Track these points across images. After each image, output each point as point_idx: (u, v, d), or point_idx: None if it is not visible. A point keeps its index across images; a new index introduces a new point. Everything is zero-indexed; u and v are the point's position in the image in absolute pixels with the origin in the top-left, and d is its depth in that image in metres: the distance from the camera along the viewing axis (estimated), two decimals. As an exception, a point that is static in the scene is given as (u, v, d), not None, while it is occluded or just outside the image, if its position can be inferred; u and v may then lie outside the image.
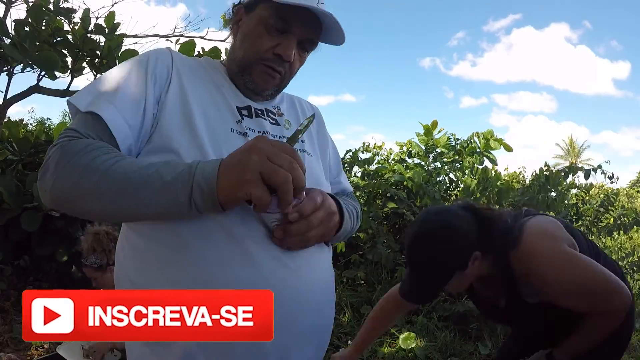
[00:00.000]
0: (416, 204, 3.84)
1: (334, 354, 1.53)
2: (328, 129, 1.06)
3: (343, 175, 1.07)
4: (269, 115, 0.88)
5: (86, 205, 0.69)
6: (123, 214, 0.71)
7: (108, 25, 3.32)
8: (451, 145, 4.34)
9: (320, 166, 0.92)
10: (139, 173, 0.67)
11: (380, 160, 4.72)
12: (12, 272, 3.15)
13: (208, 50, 3.35)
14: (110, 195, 0.67)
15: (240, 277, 0.71)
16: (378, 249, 3.64)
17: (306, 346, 0.79)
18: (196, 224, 0.71)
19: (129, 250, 0.78)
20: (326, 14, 0.80)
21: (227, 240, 0.72)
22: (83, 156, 0.67)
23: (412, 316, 3.34)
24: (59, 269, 3.07)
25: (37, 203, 2.67)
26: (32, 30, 2.96)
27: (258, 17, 0.83)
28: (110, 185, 0.66)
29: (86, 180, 0.67)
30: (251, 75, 0.85)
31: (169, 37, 4.14)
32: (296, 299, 0.75)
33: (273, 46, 0.82)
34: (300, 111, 0.98)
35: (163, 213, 0.68)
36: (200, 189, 0.65)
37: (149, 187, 0.66)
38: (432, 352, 2.86)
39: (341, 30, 0.84)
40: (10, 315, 2.79)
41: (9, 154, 3.09)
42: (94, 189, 0.66)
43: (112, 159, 0.68)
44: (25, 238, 2.77)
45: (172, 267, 0.72)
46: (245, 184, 0.63)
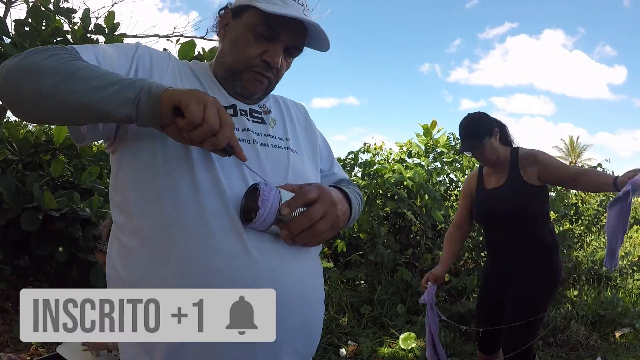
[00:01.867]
0: (416, 203, 3.84)
1: (430, 270, 2.08)
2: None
3: (337, 166, 1.08)
4: (252, 115, 0.90)
5: (34, 82, 0.67)
6: (64, 98, 0.67)
7: (108, 25, 3.32)
8: (451, 144, 4.34)
9: (305, 162, 0.93)
10: (98, 70, 0.69)
11: (380, 161, 4.72)
12: (12, 272, 3.15)
13: (208, 50, 3.35)
14: (63, 76, 0.67)
15: (225, 272, 0.72)
16: (378, 249, 3.63)
17: (296, 343, 0.80)
18: (184, 219, 0.73)
19: (118, 247, 0.79)
20: (312, 23, 0.83)
21: (214, 235, 0.73)
22: (55, 50, 0.71)
23: (412, 316, 3.34)
24: (59, 269, 3.07)
25: (37, 203, 2.67)
26: (32, 30, 2.96)
27: (246, 24, 0.85)
28: (67, 68, 0.67)
29: (47, 62, 0.68)
30: (241, 81, 0.87)
31: (169, 37, 4.14)
32: (285, 295, 0.75)
33: (260, 53, 0.84)
34: (284, 109, 0.99)
35: (103, 106, 0.67)
36: (149, 88, 0.67)
37: (101, 79, 0.67)
38: (432, 352, 2.86)
39: (326, 38, 0.87)
40: (10, 315, 2.79)
41: (9, 154, 3.09)
42: (52, 69, 0.67)
43: (78, 59, 0.71)
44: (25, 238, 2.77)
45: (159, 263, 0.73)
46: (190, 95, 0.65)
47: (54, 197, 2.69)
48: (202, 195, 0.74)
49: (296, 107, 1.04)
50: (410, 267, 3.76)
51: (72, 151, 3.42)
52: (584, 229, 4.18)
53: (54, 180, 3.28)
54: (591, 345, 3.14)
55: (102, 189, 3.31)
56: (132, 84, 0.67)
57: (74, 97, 0.66)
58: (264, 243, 0.75)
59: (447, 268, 2.09)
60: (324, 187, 0.79)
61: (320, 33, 0.85)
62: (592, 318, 3.49)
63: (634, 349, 3.13)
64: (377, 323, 3.28)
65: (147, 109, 0.66)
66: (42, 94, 0.67)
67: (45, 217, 2.68)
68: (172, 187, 0.74)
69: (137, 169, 0.78)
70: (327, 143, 1.09)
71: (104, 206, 2.93)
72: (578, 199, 4.27)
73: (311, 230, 0.75)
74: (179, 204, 0.74)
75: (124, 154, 0.80)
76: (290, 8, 0.82)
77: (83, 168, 3.40)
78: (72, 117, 0.71)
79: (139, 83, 0.68)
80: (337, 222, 0.80)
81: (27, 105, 0.70)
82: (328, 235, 0.80)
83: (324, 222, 0.76)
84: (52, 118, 0.74)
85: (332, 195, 0.79)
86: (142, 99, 0.66)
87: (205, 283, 0.71)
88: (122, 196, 0.80)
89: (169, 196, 0.74)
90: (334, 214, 0.78)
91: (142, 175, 0.77)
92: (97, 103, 0.66)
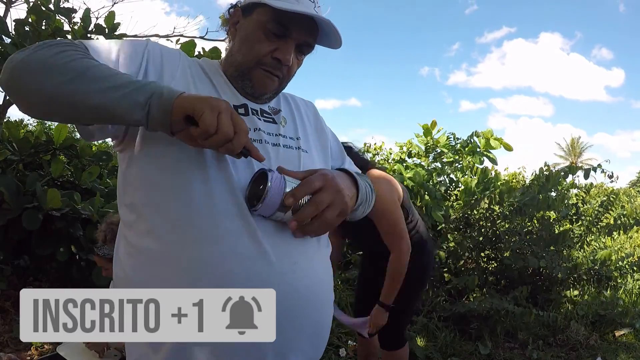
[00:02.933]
0: (416, 203, 3.84)
1: None
2: (333, 132, 1.08)
3: (348, 162, 1.07)
4: (263, 115, 0.89)
5: (42, 80, 0.66)
6: (72, 98, 0.66)
7: (108, 25, 3.32)
8: (451, 145, 4.34)
9: (315, 162, 0.92)
10: (108, 71, 0.68)
11: (380, 161, 4.71)
12: (12, 272, 3.15)
13: (208, 50, 3.34)
14: (72, 75, 0.65)
15: (237, 275, 0.71)
16: (378, 249, 3.63)
17: (305, 347, 0.79)
18: (196, 220, 0.72)
19: (126, 246, 0.78)
20: (324, 19, 0.81)
21: (227, 236, 0.72)
22: (64, 46, 0.69)
23: (412, 316, 3.34)
24: (59, 269, 3.07)
25: (38, 203, 2.67)
26: (32, 30, 2.96)
27: (256, 22, 0.83)
28: (77, 67, 0.66)
29: (56, 59, 0.66)
30: (251, 80, 0.86)
31: (169, 37, 4.14)
32: (296, 299, 0.75)
33: (271, 50, 0.83)
34: (294, 107, 0.98)
35: (112, 109, 0.66)
36: (161, 94, 0.66)
37: (112, 80, 0.66)
38: (432, 352, 2.86)
39: (338, 35, 0.85)
40: (10, 315, 2.79)
41: (9, 154, 3.09)
42: (61, 66, 0.66)
43: (88, 57, 0.69)
44: (25, 238, 2.77)
45: (169, 264, 0.72)
46: (204, 103, 0.64)
47: (59, 194, 2.67)
48: (216, 197, 0.73)
49: (306, 106, 1.03)
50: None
51: (72, 151, 3.42)
52: (585, 229, 4.17)
53: (54, 180, 3.28)
54: (591, 345, 3.14)
55: (103, 189, 3.31)
56: (143, 88, 0.66)
57: (82, 97, 0.65)
58: (277, 246, 0.74)
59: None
60: (328, 175, 0.78)
61: (332, 30, 0.83)
62: (592, 318, 3.49)
63: (634, 349, 3.13)
64: (377, 323, 3.27)
65: (158, 115, 0.65)
66: (49, 92, 0.66)
67: (46, 217, 2.68)
68: (184, 187, 0.73)
69: (148, 168, 0.77)
70: (338, 140, 1.08)
71: (104, 206, 2.92)
72: (579, 199, 4.26)
73: (319, 219, 0.74)
74: (192, 204, 0.73)
75: (133, 153, 0.79)
76: (301, 4, 0.80)
77: (83, 168, 3.40)
78: (80, 116, 0.70)
79: (150, 87, 0.67)
80: (346, 208, 0.78)
81: (33, 101, 0.69)
82: (337, 222, 0.78)
83: (332, 209, 0.75)
84: (58, 116, 0.73)
85: (337, 182, 0.78)
86: (153, 104, 0.65)
87: (216, 285, 0.70)
88: (131, 195, 0.79)
89: (181, 196, 0.73)
90: (342, 201, 0.77)
91: (154, 175, 0.76)
92: (107, 105, 0.65)
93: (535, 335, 3.18)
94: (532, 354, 2.91)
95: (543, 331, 3.27)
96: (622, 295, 4.03)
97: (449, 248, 3.81)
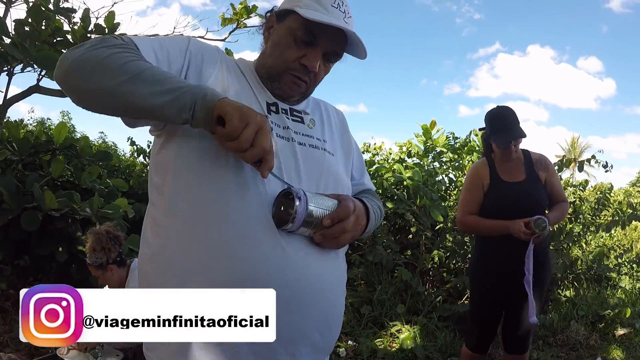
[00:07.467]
0: (416, 203, 3.84)
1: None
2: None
3: (366, 177, 1.12)
4: (292, 114, 0.94)
5: (98, 79, 0.72)
6: (126, 98, 0.72)
7: (108, 25, 3.33)
8: (450, 144, 4.34)
9: (339, 165, 0.97)
10: (160, 74, 0.74)
11: (380, 161, 4.72)
12: (12, 272, 3.15)
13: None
14: (128, 77, 0.71)
15: (252, 258, 0.75)
16: (378, 250, 3.64)
17: (315, 336, 0.82)
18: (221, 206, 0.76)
19: (152, 225, 0.83)
20: (349, 31, 0.85)
21: (248, 223, 0.76)
22: (118, 47, 0.75)
23: (412, 316, 3.34)
24: (59, 269, 3.07)
25: (37, 203, 2.67)
26: (32, 30, 2.96)
27: (288, 28, 0.88)
28: (132, 69, 0.72)
29: (112, 60, 0.72)
30: (279, 83, 0.91)
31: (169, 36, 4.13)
32: (307, 287, 0.78)
33: (300, 57, 0.87)
34: (324, 112, 1.03)
35: (164, 111, 0.72)
36: (205, 96, 0.72)
37: (163, 84, 0.72)
38: (432, 352, 2.86)
39: (363, 47, 0.90)
40: (10, 315, 2.79)
41: (9, 154, 3.09)
42: (117, 68, 0.71)
43: (141, 59, 0.75)
44: (25, 238, 2.77)
45: (191, 244, 0.76)
46: (237, 110, 0.69)
47: (54, 197, 2.68)
48: (244, 185, 0.77)
49: (335, 113, 1.08)
50: (409, 267, 3.76)
51: (72, 151, 3.43)
52: (582, 227, 4.17)
53: (54, 180, 3.28)
54: (591, 345, 3.15)
55: (102, 189, 3.31)
56: (190, 91, 0.72)
57: (136, 98, 0.71)
58: (294, 239, 0.79)
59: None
60: (356, 207, 0.85)
61: (358, 41, 0.88)
62: (592, 318, 3.49)
63: (634, 349, 3.13)
64: (377, 323, 3.28)
65: (201, 115, 0.72)
66: (105, 91, 0.72)
67: (46, 217, 2.68)
68: (215, 174, 0.78)
69: (184, 153, 0.81)
70: (361, 153, 1.14)
71: (104, 206, 2.93)
72: (576, 197, 4.26)
73: (338, 239, 0.82)
74: (223, 192, 0.77)
75: (170, 138, 0.83)
76: (331, 15, 0.86)
77: (83, 168, 3.40)
78: (132, 113, 0.78)
79: (196, 91, 0.73)
80: (357, 235, 0.88)
81: (88, 97, 0.76)
82: (345, 245, 0.88)
83: (348, 235, 0.84)
84: (111, 111, 0.79)
85: (362, 209, 0.88)
86: (197, 105, 0.71)
87: (232, 266, 0.74)
88: (162, 177, 0.83)
89: (211, 181, 0.78)
90: (358, 232, 0.87)
91: (189, 159, 0.80)
92: (159, 107, 0.72)
93: (535, 335, 3.19)
94: (532, 354, 2.91)
95: (543, 331, 3.28)
96: (622, 295, 4.03)
97: (448, 248, 3.82)
